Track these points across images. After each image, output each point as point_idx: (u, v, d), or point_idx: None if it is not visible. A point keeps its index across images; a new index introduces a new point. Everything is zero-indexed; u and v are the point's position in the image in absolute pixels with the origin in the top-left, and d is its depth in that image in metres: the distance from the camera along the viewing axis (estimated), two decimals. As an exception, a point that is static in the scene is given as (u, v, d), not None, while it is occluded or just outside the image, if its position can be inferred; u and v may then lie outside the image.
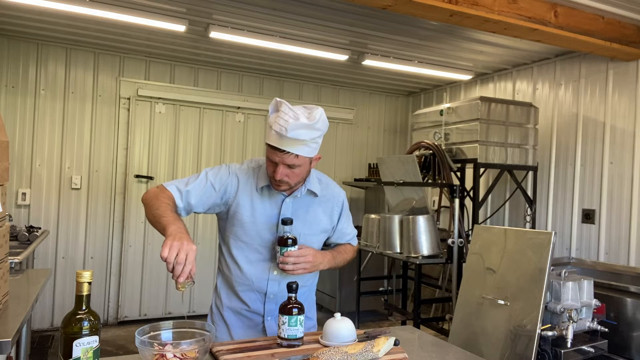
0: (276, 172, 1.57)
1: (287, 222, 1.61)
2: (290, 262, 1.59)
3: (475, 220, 3.88)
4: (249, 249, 1.70)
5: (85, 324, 1.15)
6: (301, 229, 1.70)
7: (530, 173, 4.24)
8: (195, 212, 1.69)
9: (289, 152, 1.53)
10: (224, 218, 1.74)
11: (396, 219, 3.85)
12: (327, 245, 1.89)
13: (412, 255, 3.69)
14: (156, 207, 1.53)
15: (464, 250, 3.76)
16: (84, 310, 1.17)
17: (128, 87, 4.70)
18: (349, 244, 1.92)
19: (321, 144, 1.67)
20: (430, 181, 4.05)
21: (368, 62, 4.48)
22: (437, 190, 4.73)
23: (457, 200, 3.82)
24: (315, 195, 1.74)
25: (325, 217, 1.79)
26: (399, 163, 4.01)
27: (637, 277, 3.16)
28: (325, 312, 5.26)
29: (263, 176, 1.69)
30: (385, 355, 1.42)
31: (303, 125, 1.50)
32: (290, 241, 1.60)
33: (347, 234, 1.90)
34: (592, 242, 3.85)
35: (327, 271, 1.87)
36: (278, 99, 1.57)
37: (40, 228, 3.86)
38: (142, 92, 4.70)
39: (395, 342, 1.47)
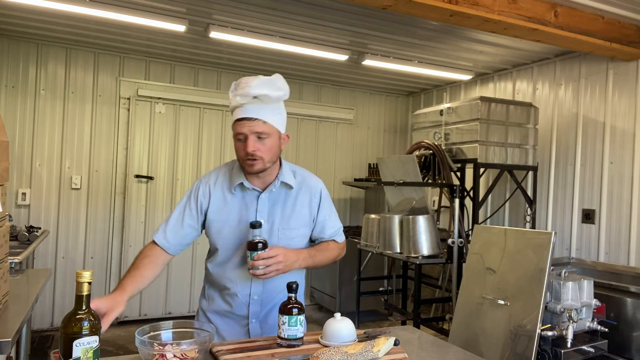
0: (247, 144, 1.57)
1: (256, 225, 1.55)
2: (260, 266, 1.52)
3: (475, 220, 3.88)
4: (230, 251, 1.69)
5: (85, 324, 1.15)
6: (280, 224, 1.68)
7: (530, 173, 4.24)
8: (204, 235, 1.77)
9: (256, 119, 1.56)
10: (207, 225, 1.75)
11: (396, 219, 3.85)
12: (313, 243, 1.83)
13: (412, 255, 3.69)
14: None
15: (464, 250, 3.76)
16: (84, 310, 1.17)
17: (128, 87, 4.70)
18: (333, 240, 1.81)
19: (292, 132, 1.74)
20: (430, 181, 4.06)
21: (368, 62, 4.48)
22: (437, 190, 4.73)
23: (457, 200, 3.82)
24: (290, 187, 1.71)
25: (304, 210, 1.73)
26: (399, 163, 4.01)
27: (637, 277, 3.16)
28: (325, 312, 5.26)
29: (236, 175, 1.69)
30: (385, 355, 1.42)
31: (264, 81, 1.57)
32: (260, 245, 1.53)
33: (329, 227, 1.79)
34: (592, 242, 3.85)
35: (326, 271, 1.84)
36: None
37: (40, 228, 3.86)
38: (142, 92, 4.70)
39: (395, 342, 1.47)
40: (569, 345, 2.35)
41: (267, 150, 1.59)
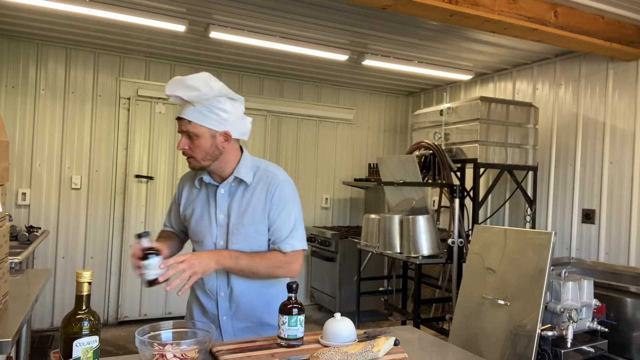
0: (179, 143, 1.64)
1: (141, 235, 1.51)
2: (149, 275, 1.47)
3: (475, 220, 3.88)
4: (198, 244, 1.74)
5: (85, 324, 1.15)
6: (236, 219, 1.67)
7: (530, 173, 4.24)
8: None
9: (183, 118, 1.60)
10: (183, 220, 1.83)
11: (396, 219, 3.85)
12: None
13: (412, 255, 3.69)
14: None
15: (464, 250, 3.76)
16: (84, 310, 1.16)
17: (128, 87, 4.70)
18: (278, 250, 1.66)
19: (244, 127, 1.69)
20: (430, 181, 4.06)
21: (368, 62, 4.48)
22: (437, 190, 4.73)
23: (457, 200, 3.82)
24: (245, 183, 1.70)
25: (260, 204, 1.68)
26: (399, 163, 4.01)
27: (637, 277, 3.16)
28: (325, 312, 5.26)
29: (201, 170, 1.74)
30: (385, 355, 1.42)
31: (177, 81, 1.59)
32: (150, 255, 1.48)
33: (276, 229, 1.66)
34: (592, 242, 3.85)
35: (327, 271, 1.83)
36: None
37: (40, 228, 3.86)
38: (142, 92, 4.70)
39: (395, 342, 1.47)
40: (569, 345, 2.35)
41: (196, 149, 1.61)
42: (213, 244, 1.69)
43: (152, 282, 1.49)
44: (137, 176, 4.75)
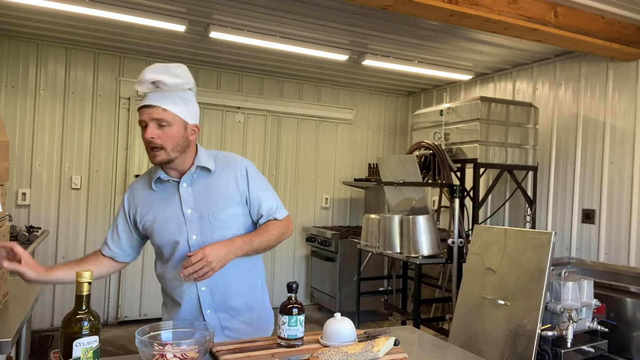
0: (146, 131, 1.56)
1: None
2: (189, 273, 1.48)
3: (475, 220, 3.88)
4: (169, 246, 1.68)
5: (85, 324, 1.15)
6: (208, 209, 1.65)
7: (530, 173, 4.24)
8: (146, 242, 1.81)
9: (155, 106, 1.55)
10: (143, 230, 1.75)
11: (396, 219, 3.85)
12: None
13: (412, 255, 3.69)
14: None
15: (464, 250, 3.76)
16: (84, 310, 1.16)
17: (128, 87, 4.70)
18: (274, 219, 1.73)
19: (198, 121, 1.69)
20: (430, 181, 4.06)
21: (368, 62, 4.48)
22: (437, 190, 4.73)
23: (457, 200, 3.82)
24: (208, 170, 1.68)
25: (231, 188, 1.68)
26: (399, 163, 4.01)
27: (637, 277, 3.16)
28: (325, 312, 5.26)
29: (155, 171, 1.70)
30: (385, 355, 1.42)
31: (160, 67, 1.57)
32: None
33: (265, 204, 1.72)
34: (592, 242, 3.85)
35: (327, 271, 1.83)
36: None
37: (40, 228, 3.86)
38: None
39: (395, 342, 1.47)
40: (569, 345, 2.35)
41: (168, 138, 1.57)
42: (186, 242, 1.65)
43: None
44: (137, 176, 4.74)
